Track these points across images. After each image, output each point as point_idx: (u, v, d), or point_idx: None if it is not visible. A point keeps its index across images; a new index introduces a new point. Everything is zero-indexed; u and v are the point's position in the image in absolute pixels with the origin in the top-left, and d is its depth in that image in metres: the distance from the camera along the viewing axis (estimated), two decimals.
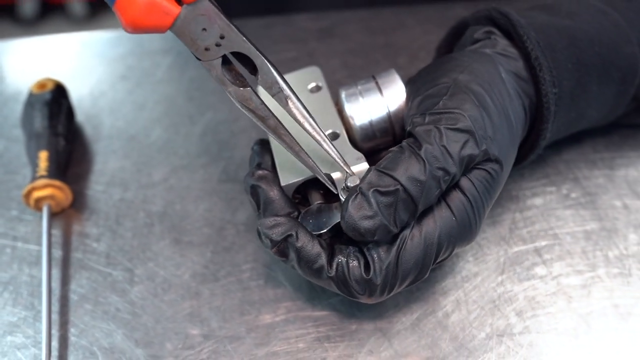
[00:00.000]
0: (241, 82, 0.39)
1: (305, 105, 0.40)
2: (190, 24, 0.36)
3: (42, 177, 0.51)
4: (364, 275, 0.39)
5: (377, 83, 0.45)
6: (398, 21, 0.68)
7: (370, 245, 0.39)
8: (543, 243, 0.48)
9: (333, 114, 0.46)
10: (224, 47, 0.38)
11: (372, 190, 0.37)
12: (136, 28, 0.35)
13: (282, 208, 0.42)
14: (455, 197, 0.40)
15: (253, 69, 0.39)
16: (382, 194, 0.37)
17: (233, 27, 0.37)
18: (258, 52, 0.38)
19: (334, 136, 0.44)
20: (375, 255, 0.39)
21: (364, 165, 0.42)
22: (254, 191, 0.43)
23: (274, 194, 0.43)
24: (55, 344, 0.44)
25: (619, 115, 0.51)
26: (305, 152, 0.41)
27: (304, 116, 0.40)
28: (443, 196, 0.40)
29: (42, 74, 0.62)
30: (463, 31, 0.50)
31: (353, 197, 0.38)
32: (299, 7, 0.73)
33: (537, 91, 0.45)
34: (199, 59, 0.38)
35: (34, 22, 2.34)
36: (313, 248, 0.40)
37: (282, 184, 0.43)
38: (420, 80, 0.44)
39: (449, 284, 0.46)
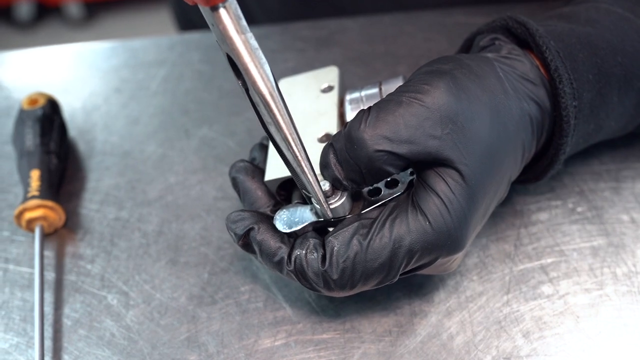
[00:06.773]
0: None
1: (308, 108, 0.42)
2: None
3: (33, 197, 0.49)
4: (321, 268, 0.38)
5: (380, 90, 0.45)
6: (398, 29, 0.66)
7: (330, 238, 0.39)
8: (549, 260, 0.46)
9: (333, 117, 0.46)
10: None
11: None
12: None
13: (259, 198, 0.43)
14: (431, 202, 0.38)
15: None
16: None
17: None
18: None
19: (326, 139, 0.44)
20: (335, 248, 0.38)
21: None
22: (234, 182, 0.44)
23: (251, 183, 0.44)
24: None
25: (637, 125, 0.49)
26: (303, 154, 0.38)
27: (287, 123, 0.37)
28: (419, 202, 0.38)
29: (34, 86, 0.61)
30: None
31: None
32: (303, 15, 0.71)
33: (556, 104, 0.43)
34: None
35: (30, 25, 2.32)
36: (274, 242, 0.40)
37: (265, 179, 0.44)
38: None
39: (453, 305, 0.45)
